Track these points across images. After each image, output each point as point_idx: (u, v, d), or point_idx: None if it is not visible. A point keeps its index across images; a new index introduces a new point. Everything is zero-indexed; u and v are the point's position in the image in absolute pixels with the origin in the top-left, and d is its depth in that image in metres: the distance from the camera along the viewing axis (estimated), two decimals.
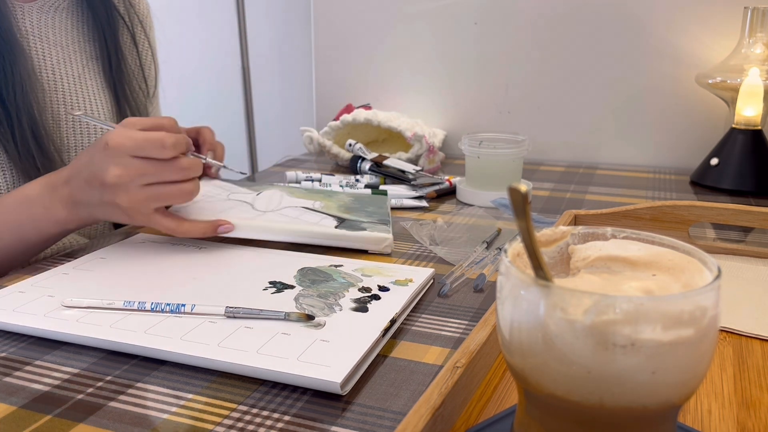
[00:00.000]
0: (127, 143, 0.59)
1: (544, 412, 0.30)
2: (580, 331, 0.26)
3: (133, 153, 0.59)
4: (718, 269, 0.28)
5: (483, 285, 0.58)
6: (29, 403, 0.40)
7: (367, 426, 0.38)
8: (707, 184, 0.97)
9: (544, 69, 1.17)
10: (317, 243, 0.66)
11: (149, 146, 0.59)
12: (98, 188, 0.60)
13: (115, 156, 0.59)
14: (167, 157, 0.60)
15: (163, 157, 0.60)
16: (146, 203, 0.61)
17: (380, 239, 0.66)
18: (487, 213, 0.83)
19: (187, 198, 0.63)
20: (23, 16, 0.75)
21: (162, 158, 0.60)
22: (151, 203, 0.61)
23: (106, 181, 0.59)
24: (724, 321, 0.50)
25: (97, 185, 0.60)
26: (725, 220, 0.63)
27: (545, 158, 1.19)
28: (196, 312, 0.49)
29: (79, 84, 0.78)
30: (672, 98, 1.11)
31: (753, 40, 0.97)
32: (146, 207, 0.61)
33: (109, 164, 0.59)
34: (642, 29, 1.10)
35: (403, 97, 1.27)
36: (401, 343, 0.48)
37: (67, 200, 0.62)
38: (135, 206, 0.61)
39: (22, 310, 0.50)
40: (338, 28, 1.30)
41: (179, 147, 0.61)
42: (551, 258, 0.34)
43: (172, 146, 0.60)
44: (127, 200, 0.60)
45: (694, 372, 0.27)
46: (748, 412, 0.39)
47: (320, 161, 1.16)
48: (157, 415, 0.39)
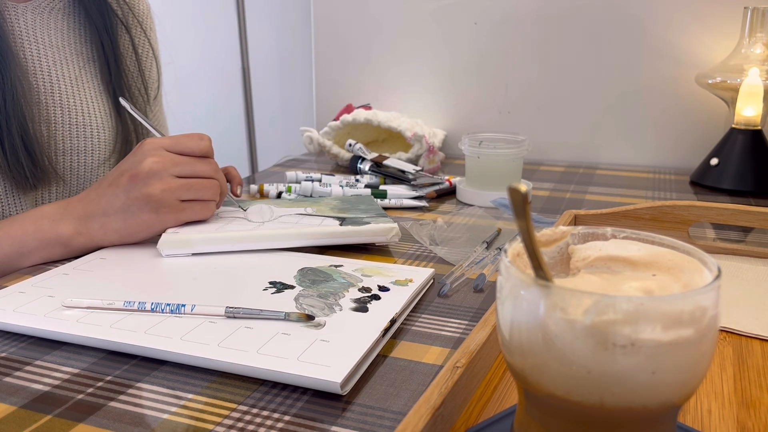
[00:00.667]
0: (163, 141, 0.65)
1: (544, 412, 0.30)
2: (580, 331, 0.26)
3: (168, 148, 0.64)
4: (718, 269, 0.28)
5: (483, 285, 0.58)
6: (29, 403, 0.40)
7: (367, 426, 0.38)
8: (707, 184, 0.97)
9: (544, 69, 1.17)
10: (327, 243, 0.66)
11: (186, 139, 0.65)
12: (125, 185, 0.62)
13: (151, 149, 0.63)
14: (203, 150, 0.65)
15: (198, 151, 0.65)
16: (178, 192, 0.63)
17: (388, 229, 0.66)
18: (487, 213, 0.83)
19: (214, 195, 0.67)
20: (17, 16, 0.73)
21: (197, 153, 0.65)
22: (182, 193, 0.63)
23: (139, 170, 0.62)
24: (724, 321, 0.50)
25: (124, 182, 0.62)
26: (725, 220, 0.63)
27: (545, 158, 1.19)
28: (196, 312, 0.49)
29: (75, 86, 0.77)
30: (672, 98, 1.11)
31: (753, 40, 0.97)
32: (177, 197, 0.63)
33: (145, 156, 0.63)
34: (642, 29, 1.10)
35: (403, 97, 1.27)
36: (401, 343, 0.48)
37: (79, 214, 0.63)
38: (166, 196, 0.62)
39: (22, 310, 0.50)
40: (338, 28, 1.30)
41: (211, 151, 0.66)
42: (551, 258, 0.34)
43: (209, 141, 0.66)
44: (160, 188, 0.62)
45: (694, 372, 0.27)
46: (748, 412, 0.39)
47: (320, 161, 1.17)
48: (157, 415, 0.39)
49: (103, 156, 0.79)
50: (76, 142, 0.76)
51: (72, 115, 0.76)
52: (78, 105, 0.77)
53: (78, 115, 0.76)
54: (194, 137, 0.65)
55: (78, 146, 0.76)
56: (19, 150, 0.68)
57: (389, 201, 0.85)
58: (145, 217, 0.63)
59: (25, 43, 0.73)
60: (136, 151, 0.64)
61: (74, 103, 0.76)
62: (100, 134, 0.78)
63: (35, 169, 0.70)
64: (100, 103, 0.80)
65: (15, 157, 0.68)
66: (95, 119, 0.78)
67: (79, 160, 0.77)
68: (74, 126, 0.76)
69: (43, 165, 0.71)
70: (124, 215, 0.62)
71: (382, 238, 0.67)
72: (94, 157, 0.78)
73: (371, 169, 0.97)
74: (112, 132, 0.80)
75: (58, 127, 0.74)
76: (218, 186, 0.67)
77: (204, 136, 0.66)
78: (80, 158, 0.77)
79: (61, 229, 0.62)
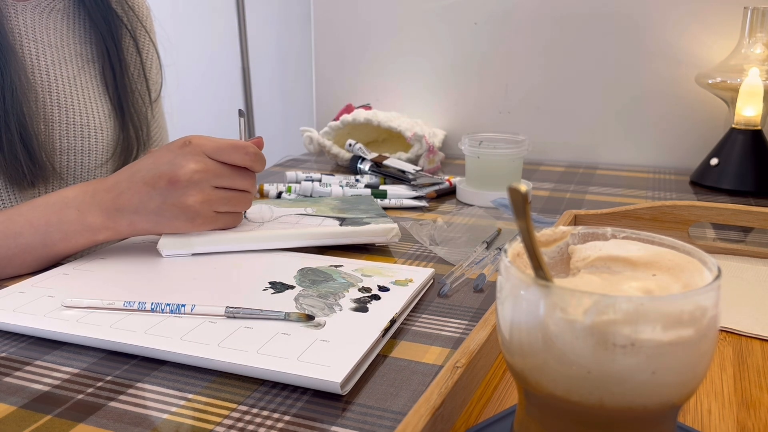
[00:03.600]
0: (209, 144, 0.61)
1: (544, 412, 0.30)
2: (580, 331, 0.26)
3: (212, 154, 0.61)
4: (718, 269, 0.28)
5: (483, 285, 0.58)
6: (29, 403, 0.40)
7: (367, 426, 0.38)
8: (707, 184, 0.97)
9: (544, 69, 1.17)
10: (327, 243, 0.66)
11: (231, 149, 0.61)
12: (162, 189, 0.59)
13: (194, 153, 0.60)
14: (247, 164, 0.62)
15: (241, 164, 0.62)
16: (216, 204, 0.62)
17: (388, 230, 0.66)
18: (487, 213, 0.83)
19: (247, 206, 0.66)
20: (17, 15, 0.73)
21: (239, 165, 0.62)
22: (219, 205, 0.62)
23: (179, 177, 0.59)
24: (724, 321, 0.50)
25: (162, 185, 0.59)
26: (725, 220, 0.63)
27: (545, 158, 1.19)
28: (196, 312, 0.49)
29: (73, 86, 0.76)
30: (672, 98, 1.11)
31: (753, 40, 0.97)
32: (214, 209, 0.62)
33: (187, 161, 0.59)
34: (642, 29, 1.10)
35: (403, 97, 1.27)
36: (401, 343, 0.48)
37: (107, 206, 0.60)
38: (203, 207, 0.61)
39: (22, 310, 0.50)
40: (338, 28, 1.30)
41: (260, 161, 0.63)
42: (551, 258, 0.34)
43: (255, 154, 0.62)
44: (199, 199, 0.60)
45: (694, 372, 0.27)
46: (748, 412, 0.39)
47: (320, 161, 1.16)
48: (157, 415, 0.39)
49: (102, 158, 0.79)
50: (73, 141, 0.76)
51: (69, 114, 0.75)
52: (76, 104, 0.76)
53: (76, 114, 0.76)
54: (240, 149, 0.62)
55: (75, 146, 0.76)
56: (17, 146, 0.68)
57: (389, 201, 0.85)
58: (178, 224, 0.61)
59: (24, 41, 0.73)
60: (178, 151, 0.61)
61: (72, 102, 0.76)
62: (98, 135, 0.78)
63: (33, 166, 0.69)
64: (99, 104, 0.79)
65: (12, 154, 0.67)
66: (93, 119, 0.78)
67: (76, 159, 0.76)
68: (71, 125, 0.75)
69: (41, 162, 0.70)
70: (156, 218, 0.61)
71: (382, 238, 0.67)
72: (91, 157, 0.78)
73: (371, 169, 0.97)
74: (111, 134, 0.80)
75: (55, 125, 0.74)
76: (250, 198, 0.66)
77: (250, 149, 0.62)
78: (77, 158, 0.77)
79: (88, 220, 0.60)
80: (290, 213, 0.73)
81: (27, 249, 0.60)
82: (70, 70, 0.77)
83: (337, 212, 0.73)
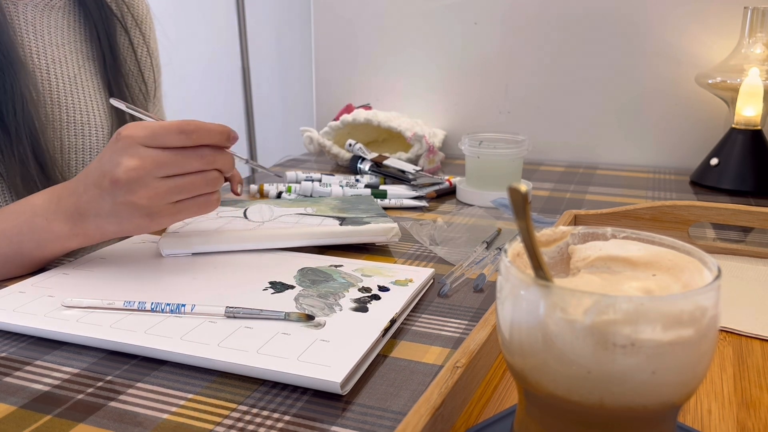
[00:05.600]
0: (139, 132, 0.54)
1: (544, 412, 0.30)
2: (580, 331, 0.26)
3: (147, 143, 0.54)
4: (718, 269, 0.28)
5: (483, 285, 0.58)
6: (29, 403, 0.40)
7: (367, 426, 0.38)
8: (707, 184, 0.97)
9: (544, 69, 1.17)
10: (327, 243, 0.66)
11: (165, 133, 0.54)
12: (109, 190, 0.54)
13: (127, 147, 0.54)
14: (188, 144, 0.54)
15: (182, 145, 0.54)
16: (167, 197, 0.55)
17: (388, 229, 0.67)
18: (487, 213, 0.83)
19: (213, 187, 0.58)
20: (17, 14, 0.73)
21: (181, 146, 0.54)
22: (173, 196, 0.55)
23: (118, 176, 0.53)
24: (724, 321, 0.50)
25: (107, 186, 0.54)
26: (725, 220, 0.63)
27: (545, 158, 1.19)
28: (196, 312, 0.49)
29: (74, 84, 0.77)
30: (672, 98, 1.11)
31: (753, 40, 0.97)
32: (167, 201, 0.55)
33: (121, 157, 0.53)
34: (642, 29, 1.10)
35: (403, 97, 1.27)
36: (401, 343, 0.48)
37: (71, 212, 0.57)
38: (154, 202, 0.55)
39: (22, 310, 0.50)
40: (338, 28, 1.30)
41: (202, 135, 0.55)
42: (551, 258, 0.34)
43: (194, 131, 0.54)
44: (147, 196, 0.54)
45: (694, 372, 0.27)
46: (748, 412, 0.39)
47: (320, 161, 1.16)
48: (157, 415, 0.39)
49: None
50: (74, 140, 0.76)
51: (70, 113, 0.75)
52: (76, 103, 0.76)
53: (76, 113, 0.76)
54: (173, 130, 0.54)
55: (76, 144, 0.76)
56: (29, 161, 0.66)
57: (389, 201, 0.85)
58: (138, 221, 0.56)
59: (25, 41, 0.73)
60: (112, 146, 0.55)
61: (72, 101, 0.76)
62: (98, 133, 0.78)
63: (45, 180, 0.68)
64: (99, 102, 0.80)
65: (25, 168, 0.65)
66: (94, 118, 0.78)
67: (77, 158, 0.77)
68: (72, 124, 0.76)
69: (53, 177, 0.68)
70: (117, 219, 0.56)
71: (382, 238, 0.67)
72: (93, 155, 0.78)
73: (371, 169, 0.97)
74: (111, 133, 0.80)
75: (56, 125, 0.74)
76: (215, 177, 0.58)
77: (185, 127, 0.54)
78: (78, 156, 0.77)
79: (55, 228, 0.57)
80: (290, 213, 0.73)
81: (4, 259, 0.58)
82: (70, 68, 0.77)
83: (337, 212, 0.73)
